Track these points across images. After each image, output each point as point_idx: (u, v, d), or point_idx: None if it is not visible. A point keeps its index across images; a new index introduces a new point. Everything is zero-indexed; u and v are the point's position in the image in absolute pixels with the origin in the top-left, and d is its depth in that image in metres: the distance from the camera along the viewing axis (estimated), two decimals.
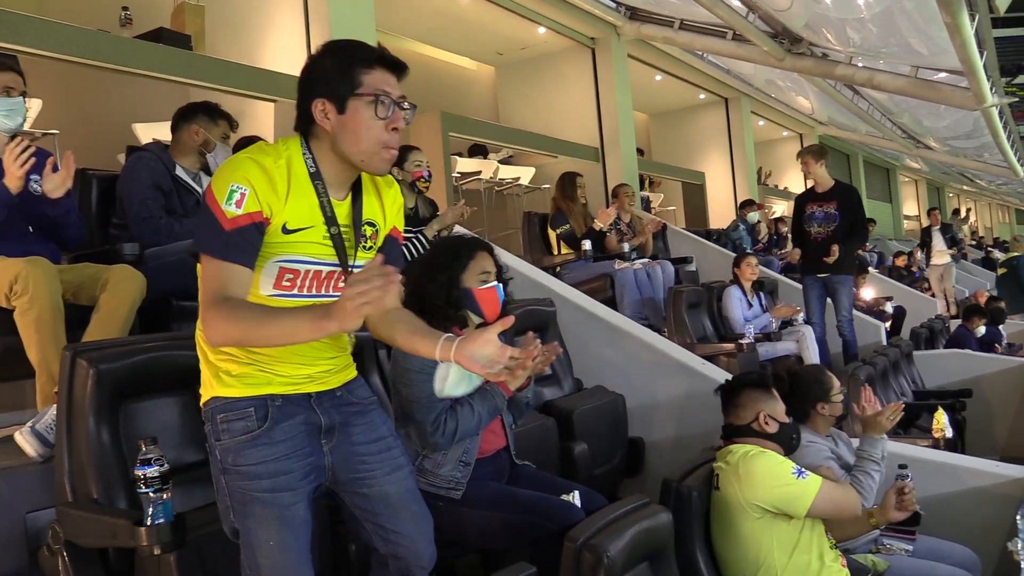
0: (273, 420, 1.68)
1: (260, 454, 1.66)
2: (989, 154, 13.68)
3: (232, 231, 1.57)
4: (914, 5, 5.92)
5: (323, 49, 1.70)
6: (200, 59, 4.57)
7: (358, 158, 1.68)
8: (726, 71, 10.13)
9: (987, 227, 29.52)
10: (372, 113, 1.64)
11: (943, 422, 4.03)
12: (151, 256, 2.84)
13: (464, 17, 7.33)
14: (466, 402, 2.34)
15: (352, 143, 1.66)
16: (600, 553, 1.96)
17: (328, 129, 1.66)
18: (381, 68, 1.67)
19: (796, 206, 5.86)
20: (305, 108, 1.68)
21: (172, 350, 2.21)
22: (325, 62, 1.68)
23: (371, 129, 1.65)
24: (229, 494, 1.68)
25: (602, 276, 5.51)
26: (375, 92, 1.65)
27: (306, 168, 1.67)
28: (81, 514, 1.94)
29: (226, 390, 1.68)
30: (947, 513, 3.29)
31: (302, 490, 1.70)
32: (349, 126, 1.65)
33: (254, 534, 1.65)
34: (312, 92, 1.67)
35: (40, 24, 3.96)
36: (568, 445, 3.18)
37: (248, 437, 1.66)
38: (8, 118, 2.62)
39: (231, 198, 1.57)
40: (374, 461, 1.82)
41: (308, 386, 1.74)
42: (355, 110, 1.65)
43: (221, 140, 3.22)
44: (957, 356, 6.61)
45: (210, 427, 1.70)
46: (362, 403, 1.85)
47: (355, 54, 1.67)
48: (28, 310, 2.35)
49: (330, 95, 1.65)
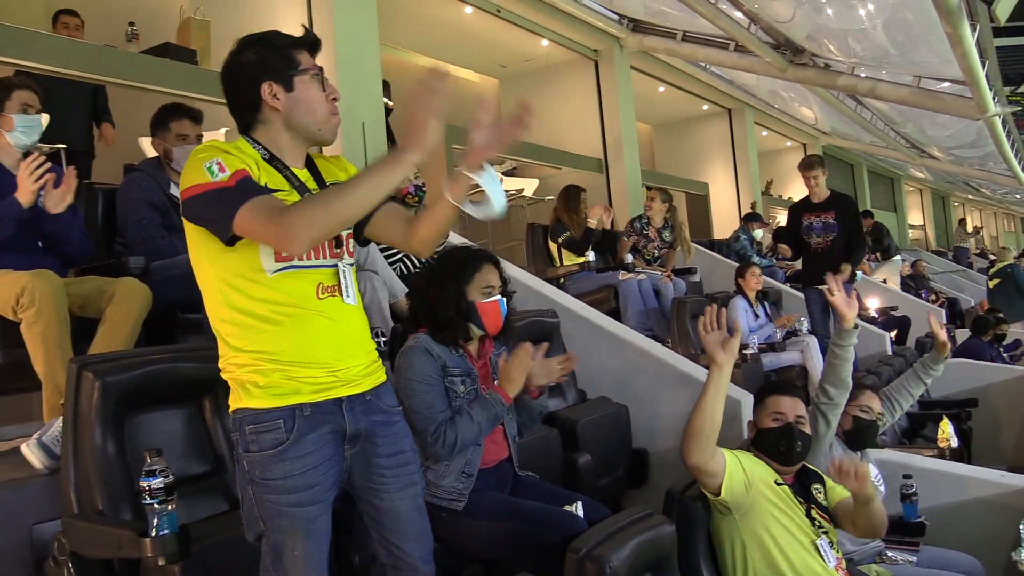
0: (299, 432, 1.68)
1: (287, 468, 1.67)
2: (993, 163, 13.67)
3: (237, 183, 1.62)
4: (915, 16, 5.95)
5: (243, 43, 1.79)
6: (206, 73, 4.61)
7: (315, 127, 1.77)
8: (729, 82, 10.16)
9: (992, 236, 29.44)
10: (318, 86, 1.76)
11: (948, 432, 4.02)
12: (156, 269, 2.86)
13: (468, 30, 7.37)
14: (465, 412, 2.35)
15: (307, 115, 1.75)
16: (603, 564, 1.97)
17: (279, 108, 1.74)
18: (303, 48, 1.80)
19: (792, 215, 5.84)
20: (248, 99, 1.75)
21: (177, 362, 2.23)
22: (251, 54, 1.76)
23: (320, 101, 1.76)
24: (257, 505, 1.69)
25: (606, 287, 5.52)
26: (311, 68, 1.77)
27: (259, 154, 1.73)
28: (86, 525, 1.95)
29: (254, 401, 1.68)
30: (952, 523, 3.28)
31: (327, 501, 1.72)
32: (302, 100, 1.75)
33: (280, 544, 1.68)
34: (254, 80, 1.74)
35: (47, 39, 4.01)
36: (572, 456, 3.18)
37: (276, 451, 1.67)
38: (25, 135, 2.67)
39: (213, 172, 1.62)
40: (391, 475, 1.83)
41: (338, 390, 1.73)
42: (303, 86, 1.75)
43: (177, 142, 3.09)
44: (963, 366, 6.58)
45: (239, 437, 1.70)
46: (389, 411, 1.85)
47: (278, 38, 1.79)
48: (35, 322, 2.37)
49: (275, 77, 1.73)
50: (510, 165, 8.20)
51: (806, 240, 5.59)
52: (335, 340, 1.73)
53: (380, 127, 5.10)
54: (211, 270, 1.70)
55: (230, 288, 1.68)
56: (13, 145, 2.69)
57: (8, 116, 2.66)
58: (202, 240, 1.69)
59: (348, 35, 4.92)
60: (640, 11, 7.80)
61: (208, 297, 1.73)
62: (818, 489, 2.69)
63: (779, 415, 2.65)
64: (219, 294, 1.69)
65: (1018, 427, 5.95)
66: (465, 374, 2.44)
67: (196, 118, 3.20)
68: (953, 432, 4.04)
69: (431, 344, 2.41)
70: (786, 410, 2.67)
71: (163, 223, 3.06)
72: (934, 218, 22.97)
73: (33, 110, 2.69)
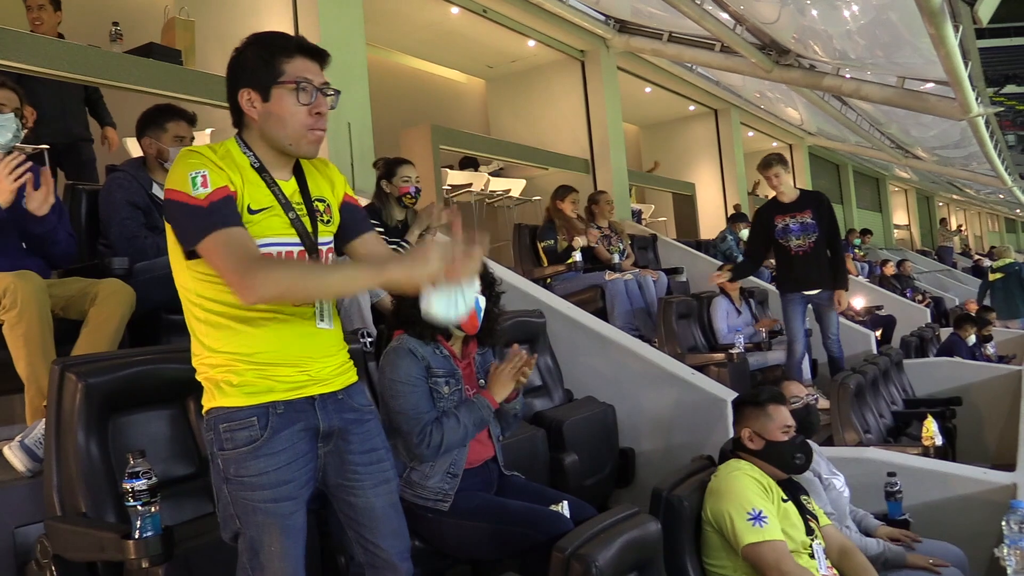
0: (273, 429, 1.68)
1: (262, 465, 1.67)
2: (977, 163, 13.77)
3: (211, 205, 1.61)
4: (899, 17, 5.98)
5: (246, 42, 1.77)
6: (190, 73, 4.59)
7: (286, 143, 1.74)
8: (715, 83, 10.20)
9: (977, 236, 29.67)
10: (295, 100, 1.71)
11: (932, 430, 4.05)
12: (140, 270, 2.84)
13: (454, 31, 7.37)
14: (452, 414, 2.35)
15: (278, 129, 1.72)
16: (589, 562, 1.97)
17: (255, 118, 1.73)
18: (301, 56, 1.74)
19: (761, 219, 5.40)
20: (233, 102, 1.75)
21: (161, 363, 2.21)
22: (248, 54, 1.75)
23: (295, 115, 1.72)
24: (232, 503, 1.69)
25: (592, 287, 5.52)
26: (296, 80, 1.71)
27: (247, 160, 1.73)
28: (70, 528, 1.94)
29: (228, 400, 1.69)
30: (937, 519, 3.31)
31: (302, 498, 1.73)
32: (274, 113, 1.72)
33: (256, 541, 1.68)
34: (238, 84, 1.74)
35: (30, 40, 3.97)
36: (558, 456, 3.19)
37: (250, 448, 1.67)
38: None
39: (195, 183, 1.61)
40: (364, 472, 1.83)
41: (311, 388, 1.74)
42: (279, 98, 1.71)
43: (174, 143, 3.08)
44: (947, 364, 6.64)
45: (213, 436, 1.70)
46: (360, 410, 1.85)
47: (275, 44, 1.75)
48: (17, 324, 2.35)
49: (254, 85, 1.72)
50: (497, 165, 8.20)
51: (783, 244, 5.19)
52: (309, 342, 1.74)
53: (366, 127, 5.09)
54: (187, 270, 1.70)
55: (205, 287, 1.68)
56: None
57: None
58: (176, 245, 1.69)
59: (334, 35, 4.90)
60: (626, 12, 7.82)
61: (184, 296, 1.73)
62: (806, 499, 2.72)
63: (788, 427, 2.66)
64: (194, 293, 1.70)
65: (1001, 425, 5.99)
66: (449, 375, 2.44)
67: (192, 121, 3.21)
68: (937, 430, 4.07)
69: (416, 345, 2.40)
70: (791, 421, 2.69)
71: (146, 223, 3.03)
72: (919, 218, 23.12)
73: (7, 108, 2.65)
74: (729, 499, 2.49)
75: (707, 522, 2.54)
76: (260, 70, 1.71)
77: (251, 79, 1.72)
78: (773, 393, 2.79)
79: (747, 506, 2.44)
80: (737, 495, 2.48)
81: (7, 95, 2.67)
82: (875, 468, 3.37)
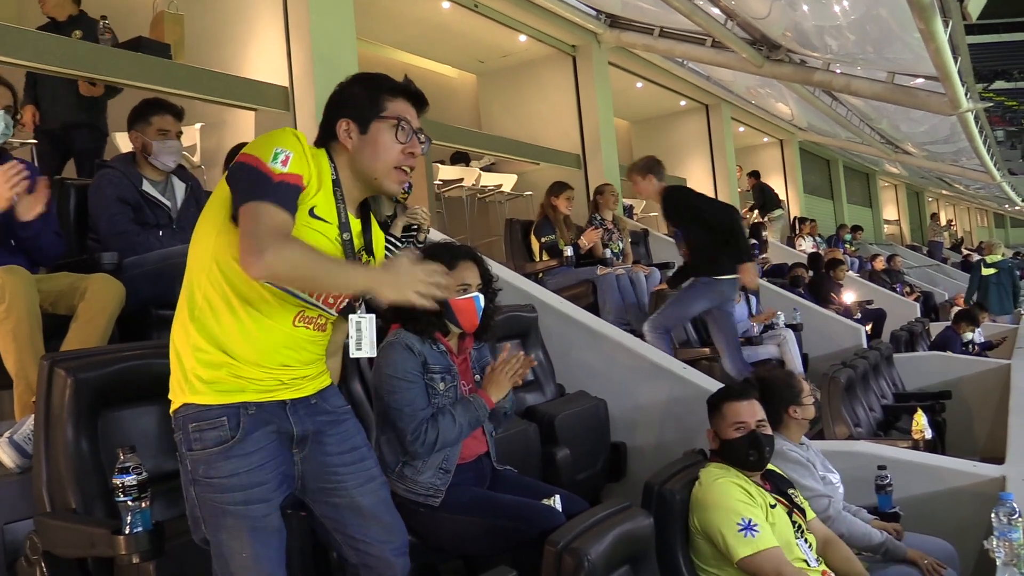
0: (245, 430, 1.67)
1: (232, 466, 1.65)
2: (966, 159, 13.84)
3: (280, 183, 1.61)
4: (889, 12, 6.00)
5: (354, 78, 1.82)
6: (179, 68, 4.56)
7: (373, 176, 1.76)
8: (706, 78, 10.21)
9: (966, 231, 29.83)
10: (393, 136, 1.75)
11: (922, 423, 4.07)
12: (130, 265, 2.83)
13: (445, 25, 7.35)
14: (448, 412, 2.34)
15: (371, 160, 1.75)
16: (581, 556, 1.97)
17: (349, 147, 1.75)
18: (405, 99, 1.79)
19: None
20: (329, 126, 1.76)
21: (151, 359, 2.19)
22: (355, 89, 1.79)
23: (390, 150, 1.75)
24: (199, 505, 1.67)
25: (584, 282, 5.53)
26: (397, 117, 1.75)
27: (331, 173, 1.74)
28: (59, 524, 1.93)
29: (197, 397, 1.67)
30: (927, 512, 3.32)
31: (275, 500, 1.71)
32: (369, 145, 1.75)
33: (226, 546, 1.65)
34: (339, 112, 1.76)
35: (17, 33, 3.94)
36: (550, 450, 3.19)
37: (220, 449, 1.65)
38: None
39: (276, 158, 1.62)
40: (346, 472, 1.82)
41: (283, 393, 1.73)
42: (377, 131, 1.75)
43: (158, 137, 3.07)
44: (937, 358, 6.67)
45: (181, 436, 1.69)
46: (336, 412, 1.85)
47: (383, 83, 1.80)
48: (5, 319, 2.34)
49: (355, 116, 1.75)
50: (488, 161, 8.19)
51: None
52: (291, 354, 1.74)
53: None
54: (216, 236, 1.67)
55: (218, 267, 1.66)
56: None
57: None
58: (221, 209, 1.67)
59: (324, 30, 4.88)
60: (617, 7, 7.82)
61: (194, 271, 1.71)
62: (793, 493, 2.71)
63: (740, 424, 2.63)
64: (206, 269, 1.68)
65: (991, 418, 6.02)
66: (445, 371, 2.44)
67: (179, 115, 3.18)
68: (927, 423, 4.09)
69: (412, 340, 2.40)
70: (746, 417, 2.65)
71: (135, 219, 3.02)
72: (909, 213, 23.23)
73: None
74: (717, 512, 2.47)
75: (698, 533, 2.53)
76: (364, 104, 1.76)
77: (353, 111, 1.75)
78: (729, 390, 2.78)
79: (735, 517, 2.43)
80: (724, 507, 2.46)
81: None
82: (865, 461, 3.37)
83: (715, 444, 2.68)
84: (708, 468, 2.63)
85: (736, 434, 2.62)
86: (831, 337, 6.46)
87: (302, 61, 4.83)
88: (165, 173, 3.12)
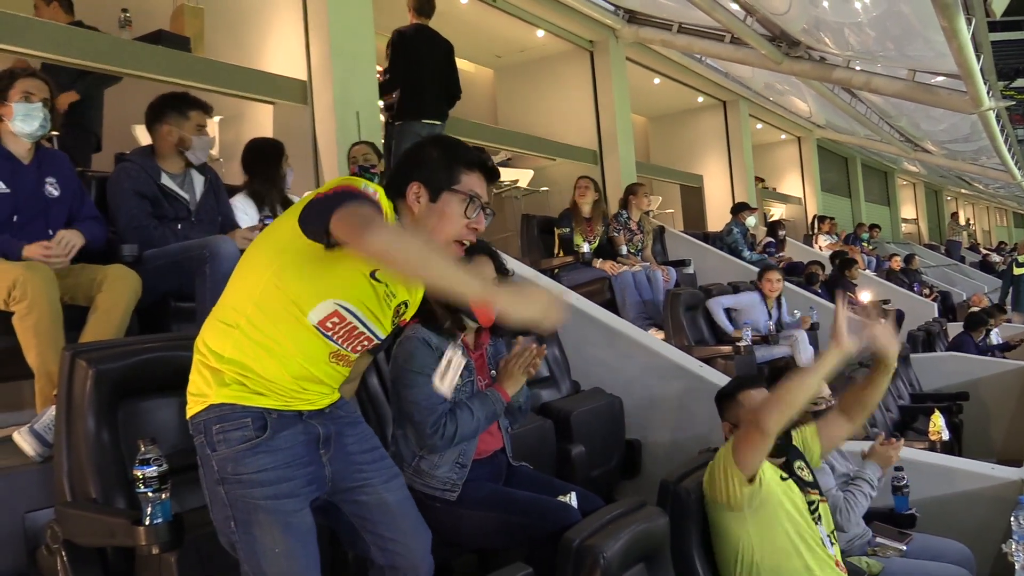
0: (273, 429, 1.69)
1: (261, 462, 1.67)
2: (986, 158, 13.69)
3: (375, 198, 1.64)
4: (911, 9, 5.94)
5: (433, 139, 1.82)
6: (199, 61, 4.59)
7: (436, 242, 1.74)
8: (724, 74, 10.15)
9: (985, 230, 29.56)
10: (461, 210, 1.73)
11: (939, 425, 4.05)
12: (149, 257, 2.84)
13: (463, 20, 7.34)
14: (466, 406, 2.35)
15: (435, 230, 1.73)
16: (596, 554, 1.98)
17: (415, 211, 1.74)
18: (480, 173, 1.77)
19: None
20: (400, 184, 1.75)
21: (171, 351, 2.21)
22: (432, 151, 1.77)
23: (455, 224, 1.74)
24: (229, 504, 1.67)
25: (600, 279, 5.52)
26: (469, 192, 1.74)
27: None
28: (80, 513, 1.94)
29: (224, 395, 1.68)
30: (943, 515, 3.30)
31: (305, 497, 1.72)
32: (436, 214, 1.73)
33: (259, 542, 1.65)
34: (411, 174, 1.75)
35: (39, 26, 3.97)
36: (565, 447, 3.19)
37: (248, 445, 1.66)
38: (25, 123, 2.65)
39: (366, 187, 1.65)
40: (371, 469, 1.85)
41: (299, 405, 1.76)
42: (446, 202, 1.73)
43: (196, 132, 3.10)
44: (954, 359, 6.62)
45: (204, 438, 1.70)
46: (350, 415, 1.89)
47: (460, 154, 1.78)
48: (27, 315, 2.36)
49: (427, 182, 1.73)
50: (505, 156, 8.18)
51: None
52: (313, 384, 1.77)
53: (375, 116, 5.08)
54: (264, 279, 1.67)
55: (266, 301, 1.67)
56: (16, 134, 2.67)
57: (9, 105, 2.64)
58: (275, 244, 1.69)
59: (343, 23, 4.89)
60: (636, 2, 7.79)
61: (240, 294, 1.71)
62: (800, 466, 2.69)
63: None
64: (254, 299, 1.68)
65: (1008, 420, 5.98)
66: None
67: (210, 112, 3.23)
68: (944, 425, 4.07)
69: (429, 335, 2.40)
70: None
71: (153, 212, 3.03)
72: (927, 212, 23.03)
73: (36, 98, 2.67)
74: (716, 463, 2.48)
75: (708, 504, 2.52)
76: (439, 171, 1.74)
77: (426, 176, 1.74)
78: (742, 379, 2.75)
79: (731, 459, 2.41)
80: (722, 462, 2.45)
81: (37, 84, 2.69)
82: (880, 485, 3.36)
83: (730, 432, 2.64)
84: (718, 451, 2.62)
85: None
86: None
87: (320, 55, 4.84)
88: (184, 166, 3.13)
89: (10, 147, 2.68)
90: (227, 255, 2.69)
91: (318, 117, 4.84)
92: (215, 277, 2.64)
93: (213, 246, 2.70)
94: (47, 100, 2.70)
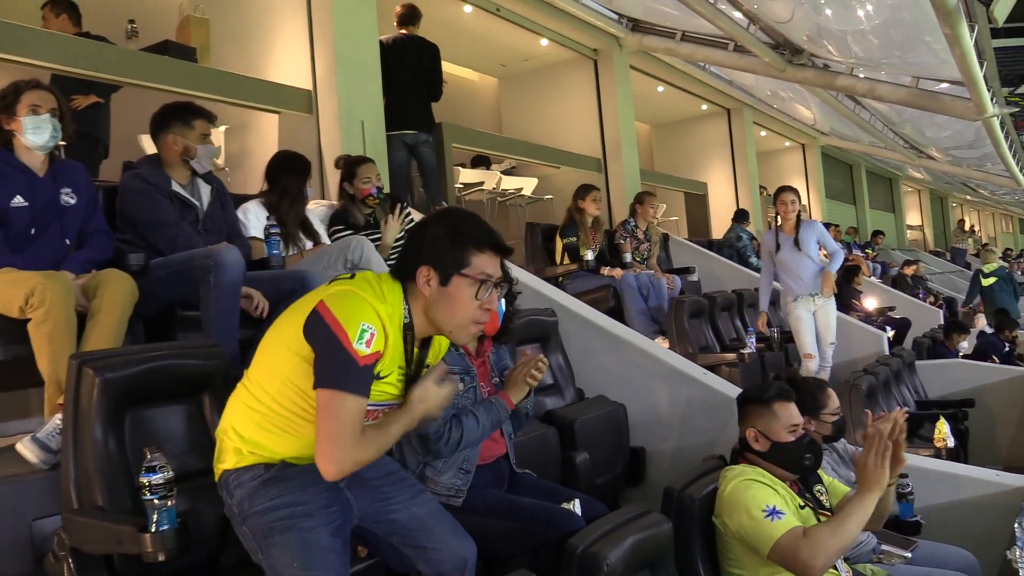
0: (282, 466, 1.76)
1: (274, 491, 1.72)
2: (991, 164, 13.68)
3: (364, 368, 1.64)
4: (914, 17, 5.95)
5: (442, 214, 1.82)
6: (205, 71, 4.62)
7: (447, 328, 1.77)
8: (728, 82, 10.17)
9: (990, 236, 29.47)
10: (472, 294, 1.73)
11: (944, 432, 4.03)
12: (155, 267, 2.85)
13: (467, 29, 7.37)
14: (471, 413, 2.36)
15: (447, 315, 1.74)
16: (600, 560, 1.98)
17: (426, 295, 1.74)
18: (491, 252, 1.76)
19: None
20: (410, 267, 1.75)
21: (177, 359, 2.23)
22: (439, 231, 1.75)
23: (467, 307, 1.74)
24: (253, 537, 1.73)
25: (604, 286, 5.52)
26: (480, 276, 1.73)
27: (403, 319, 1.74)
28: (86, 521, 1.95)
29: (239, 461, 1.77)
30: (948, 522, 3.30)
31: (323, 517, 1.74)
32: (447, 299, 1.73)
33: (278, 560, 1.69)
34: (420, 257, 1.74)
35: (45, 36, 4.01)
36: (570, 454, 3.19)
37: (260, 480, 1.73)
38: (35, 135, 2.66)
39: (362, 337, 1.64)
40: (393, 490, 1.89)
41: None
42: (457, 287, 1.73)
43: (200, 141, 3.10)
44: (959, 366, 6.61)
45: (224, 492, 1.78)
46: None
47: (470, 232, 1.75)
48: (43, 322, 2.37)
49: (437, 265, 1.73)
50: (509, 164, 8.20)
51: None
52: None
53: (380, 126, 5.10)
54: (290, 366, 1.73)
55: (291, 390, 1.73)
56: (29, 147, 2.69)
57: (18, 119, 2.66)
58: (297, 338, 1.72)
59: (348, 33, 4.92)
60: (639, 11, 7.81)
61: (263, 374, 1.78)
62: (820, 491, 2.68)
63: (795, 426, 2.55)
64: (279, 381, 1.74)
65: (1014, 427, 5.96)
66: (464, 372, 2.45)
67: (214, 121, 3.24)
68: (949, 432, 4.05)
69: None
70: (797, 419, 2.57)
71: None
72: (932, 219, 22.99)
73: (43, 110, 2.68)
74: (742, 504, 2.40)
75: (725, 533, 2.47)
76: (447, 254, 1.73)
77: (435, 259, 1.73)
78: (780, 389, 2.63)
79: (760, 504, 2.36)
80: (748, 498, 2.39)
81: (42, 96, 2.71)
82: None
83: (763, 445, 2.55)
84: (734, 467, 2.57)
85: (791, 437, 2.54)
86: (853, 344, 6.40)
87: (325, 64, 4.86)
88: (191, 175, 3.14)
89: (25, 160, 2.70)
90: (231, 264, 2.69)
91: (323, 127, 4.86)
92: (219, 286, 2.66)
93: (217, 255, 2.71)
94: (55, 111, 2.71)
